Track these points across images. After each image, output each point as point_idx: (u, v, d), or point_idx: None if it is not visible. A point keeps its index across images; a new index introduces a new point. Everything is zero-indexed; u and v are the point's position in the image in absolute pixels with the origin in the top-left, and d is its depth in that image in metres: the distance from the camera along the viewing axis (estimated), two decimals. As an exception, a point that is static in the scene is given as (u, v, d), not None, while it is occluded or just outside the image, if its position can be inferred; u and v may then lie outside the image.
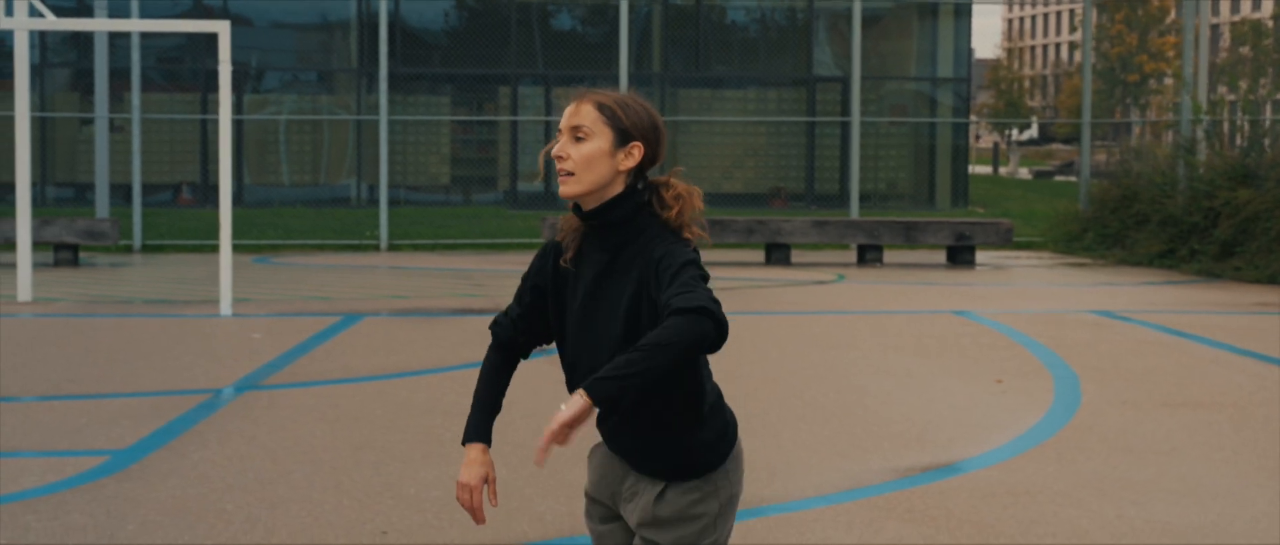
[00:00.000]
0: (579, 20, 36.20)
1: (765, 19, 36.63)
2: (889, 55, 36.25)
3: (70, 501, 7.07)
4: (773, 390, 10.32)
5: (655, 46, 34.86)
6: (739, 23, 36.67)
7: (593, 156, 3.56)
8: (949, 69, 35.96)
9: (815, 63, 35.59)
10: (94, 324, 13.61)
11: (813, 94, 35.03)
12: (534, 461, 3.18)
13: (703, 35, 35.21)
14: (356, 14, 33.87)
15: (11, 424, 8.89)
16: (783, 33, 36.75)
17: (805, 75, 35.37)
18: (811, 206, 33.80)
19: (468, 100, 35.37)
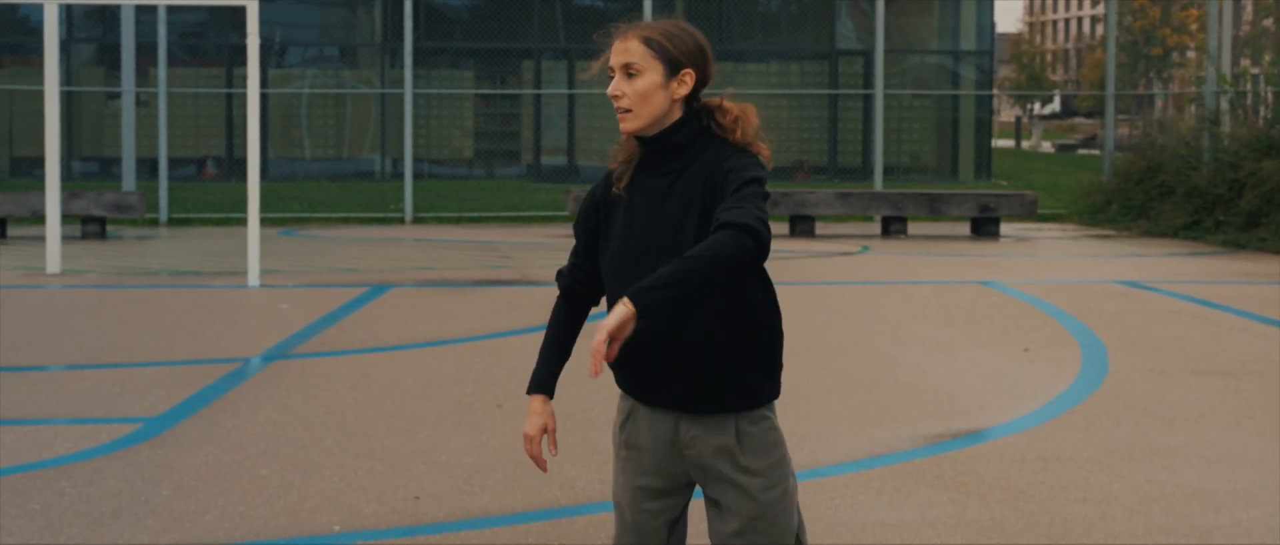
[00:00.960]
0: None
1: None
2: (911, 29, 36.13)
3: (104, 467, 7.10)
4: (801, 360, 10.31)
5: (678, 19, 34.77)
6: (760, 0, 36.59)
7: (648, 91, 3.58)
8: (971, 42, 35.85)
9: (837, 36, 35.49)
10: (123, 295, 13.66)
11: (835, 67, 34.95)
12: (589, 373, 3.19)
13: (725, 9, 35.13)
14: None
15: (45, 392, 8.93)
16: (804, 6, 36.65)
17: (828, 49, 35.29)
18: (835, 179, 33.74)
19: (491, 74, 35.36)
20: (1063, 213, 24.33)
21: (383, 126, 33.77)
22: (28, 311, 12.49)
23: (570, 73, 34.10)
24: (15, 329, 11.40)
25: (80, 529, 6.11)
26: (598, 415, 8.34)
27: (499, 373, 9.60)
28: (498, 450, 7.49)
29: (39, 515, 6.29)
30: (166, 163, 23.21)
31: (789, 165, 34.43)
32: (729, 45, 35.04)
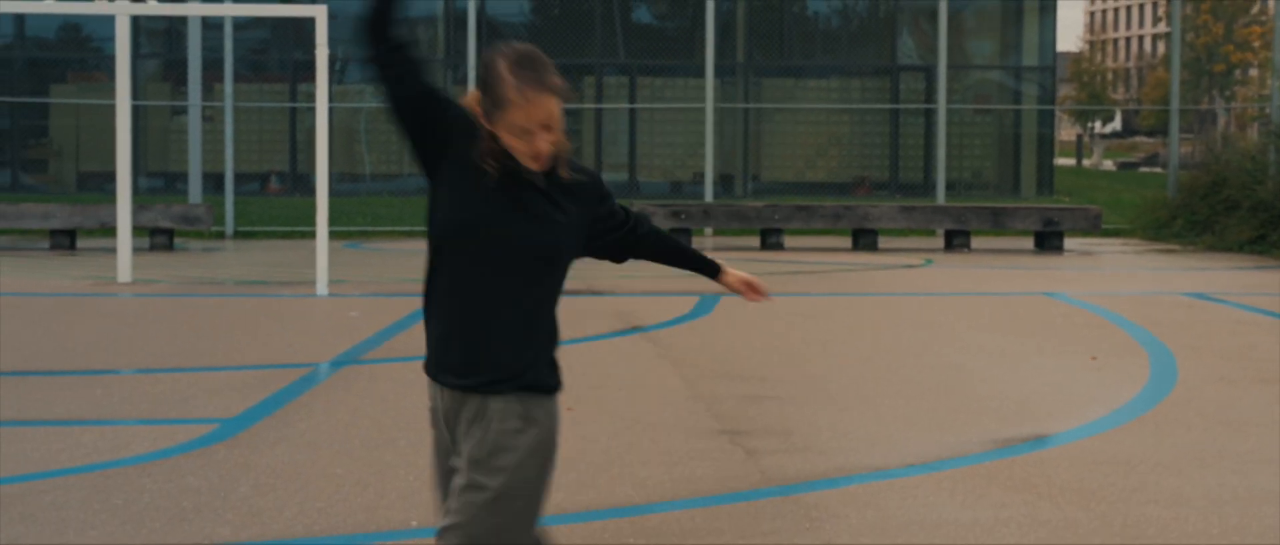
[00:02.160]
0: (661, 11, 36.24)
1: (847, 9, 36.55)
2: (972, 45, 36.08)
3: (183, 466, 7.20)
4: (869, 367, 10.34)
5: (738, 36, 34.85)
6: (821, 13, 36.62)
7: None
8: (1034, 58, 35.76)
9: (898, 52, 35.47)
10: (194, 303, 13.80)
11: (896, 83, 34.92)
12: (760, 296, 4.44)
13: (785, 25, 35.18)
14: (444, 7, 34.05)
15: (121, 395, 9.05)
16: (865, 23, 36.66)
17: (888, 64, 35.27)
18: (895, 195, 33.70)
19: (551, 89, 35.48)
20: (1126, 228, 24.23)
21: (445, 142, 33.92)
22: (101, 318, 12.65)
23: (631, 88, 34.19)
24: (90, 335, 11.55)
25: (162, 524, 6.21)
26: (669, 417, 8.39)
27: (568, 378, 9.60)
28: (569, 451, 7.54)
29: (121, 510, 6.39)
30: (233, 176, 23.41)
31: (850, 181, 34.41)
32: (789, 61, 35.08)
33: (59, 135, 34.11)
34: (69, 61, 34.56)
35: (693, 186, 32.69)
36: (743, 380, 9.63)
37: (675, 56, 34.13)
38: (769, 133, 34.65)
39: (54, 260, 18.11)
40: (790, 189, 33.55)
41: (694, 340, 11.43)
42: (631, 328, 12.03)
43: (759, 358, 10.61)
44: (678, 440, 7.81)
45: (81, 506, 6.46)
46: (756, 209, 21.10)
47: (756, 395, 9.09)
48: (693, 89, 33.12)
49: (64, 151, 33.84)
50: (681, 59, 34.13)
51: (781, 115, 34.61)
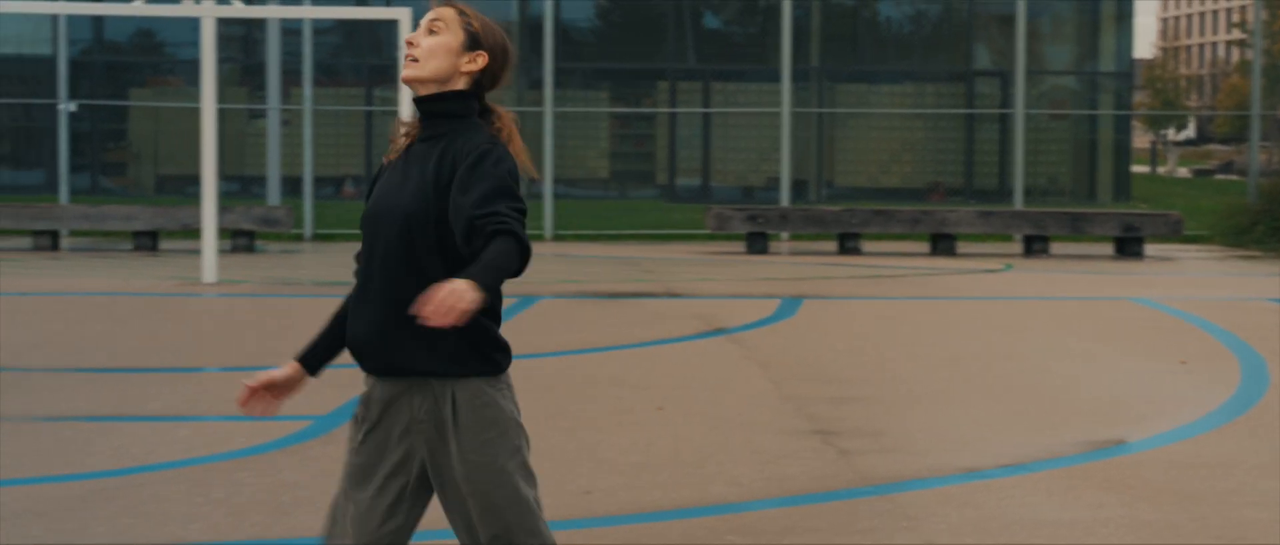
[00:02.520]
0: (734, 15, 36.25)
1: (921, 15, 36.44)
2: (1047, 51, 35.89)
3: (280, 461, 7.27)
4: (956, 369, 10.32)
5: (813, 41, 34.80)
6: (894, 18, 36.52)
7: (439, 48, 3.73)
8: (1110, 65, 35.54)
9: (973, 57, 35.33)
10: (279, 303, 13.92)
11: (971, 88, 34.79)
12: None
13: (859, 30, 35.11)
14: (518, 12, 34.17)
15: (214, 391, 9.15)
16: (938, 28, 36.54)
17: (963, 69, 35.15)
18: (969, 200, 33.56)
19: (625, 95, 35.57)
20: (1206, 234, 24.04)
21: (522, 146, 34.01)
22: (189, 318, 12.79)
23: (705, 93, 34.20)
24: (179, 334, 11.67)
25: (264, 518, 6.27)
26: (758, 417, 8.40)
27: (655, 378, 9.70)
28: (662, 450, 7.57)
29: (222, 504, 6.46)
30: (312, 179, 23.58)
31: (924, 186, 34.30)
32: (863, 66, 35.01)
33: (138, 139, 34.44)
34: (143, 66, 34.89)
35: (765, 191, 32.66)
36: (830, 382, 9.63)
37: (747, 61, 34.13)
38: (843, 138, 34.58)
39: (138, 261, 18.30)
40: (864, 194, 33.45)
41: (778, 342, 11.43)
42: (715, 329, 12.04)
43: (845, 360, 10.61)
44: (769, 440, 7.82)
45: (183, 500, 6.53)
46: (834, 213, 21.07)
47: (845, 397, 9.08)
48: (766, 94, 33.10)
49: (143, 155, 34.16)
50: (754, 64, 34.11)
51: (855, 120, 34.54)
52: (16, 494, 6.64)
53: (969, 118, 34.19)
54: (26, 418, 8.26)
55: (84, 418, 8.28)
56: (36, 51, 32.21)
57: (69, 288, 14.76)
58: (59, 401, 8.74)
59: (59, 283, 15.29)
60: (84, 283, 15.37)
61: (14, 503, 6.47)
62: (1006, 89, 33.14)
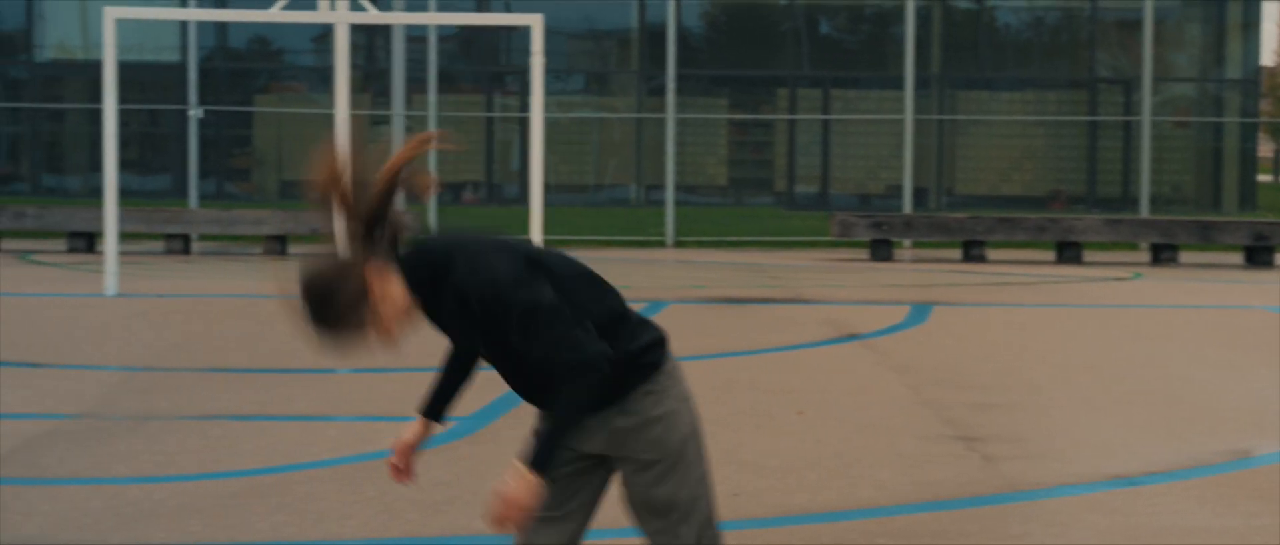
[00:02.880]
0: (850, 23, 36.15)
1: (1040, 21, 36.16)
2: (1171, 57, 35.49)
3: (430, 460, 7.34)
4: (1093, 376, 10.25)
5: (934, 48, 34.64)
6: (1013, 25, 36.27)
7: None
8: (1236, 72, 35.09)
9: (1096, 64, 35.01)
10: (409, 308, 14.05)
11: (1094, 95, 34.48)
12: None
13: (980, 37, 34.90)
14: (639, 19, 34.28)
15: (356, 391, 9.28)
16: (1059, 34, 36.24)
17: (1085, 77, 34.83)
18: (1092, 209, 33.25)
19: (744, 103, 35.57)
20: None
21: (639, 153, 34.14)
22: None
23: (825, 100, 34.14)
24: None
25: (417, 516, 6.36)
26: (898, 422, 8.40)
27: (791, 382, 9.71)
28: (805, 454, 7.59)
29: (375, 501, 6.55)
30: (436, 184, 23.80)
31: (1045, 194, 34.02)
32: (983, 73, 34.78)
33: (262, 144, 34.90)
34: (263, 72, 35.33)
35: (883, 199, 32.56)
36: (967, 388, 9.60)
37: (865, 68, 34.03)
38: (963, 145, 34.37)
39: (268, 265, 18.56)
40: (984, 202, 33.23)
41: (912, 348, 11.41)
42: (847, 335, 12.03)
43: (980, 366, 10.57)
44: (912, 444, 7.82)
45: (336, 497, 6.64)
46: (959, 220, 20.98)
47: (984, 403, 9.05)
48: (886, 102, 32.99)
49: (267, 160, 34.61)
50: (872, 71, 34.00)
51: (976, 127, 34.33)
52: (172, 490, 6.78)
53: (1091, 125, 33.88)
54: (175, 417, 8.41)
55: (231, 417, 8.43)
56: (161, 58, 32.74)
57: (204, 290, 15.00)
58: (205, 401, 8.90)
59: (194, 285, 15.54)
60: (219, 285, 15.62)
61: (170, 499, 6.61)
62: (1129, 96, 32.81)
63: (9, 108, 32.56)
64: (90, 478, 6.99)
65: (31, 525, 6.13)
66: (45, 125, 33.55)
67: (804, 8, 34.80)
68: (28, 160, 33.06)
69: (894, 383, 9.80)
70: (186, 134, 24.40)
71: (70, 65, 34.31)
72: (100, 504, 6.51)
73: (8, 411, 8.51)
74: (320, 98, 33.99)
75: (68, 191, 32.71)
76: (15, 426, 8.07)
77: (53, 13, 33.58)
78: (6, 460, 7.27)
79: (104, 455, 7.43)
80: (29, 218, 20.67)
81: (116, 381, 9.56)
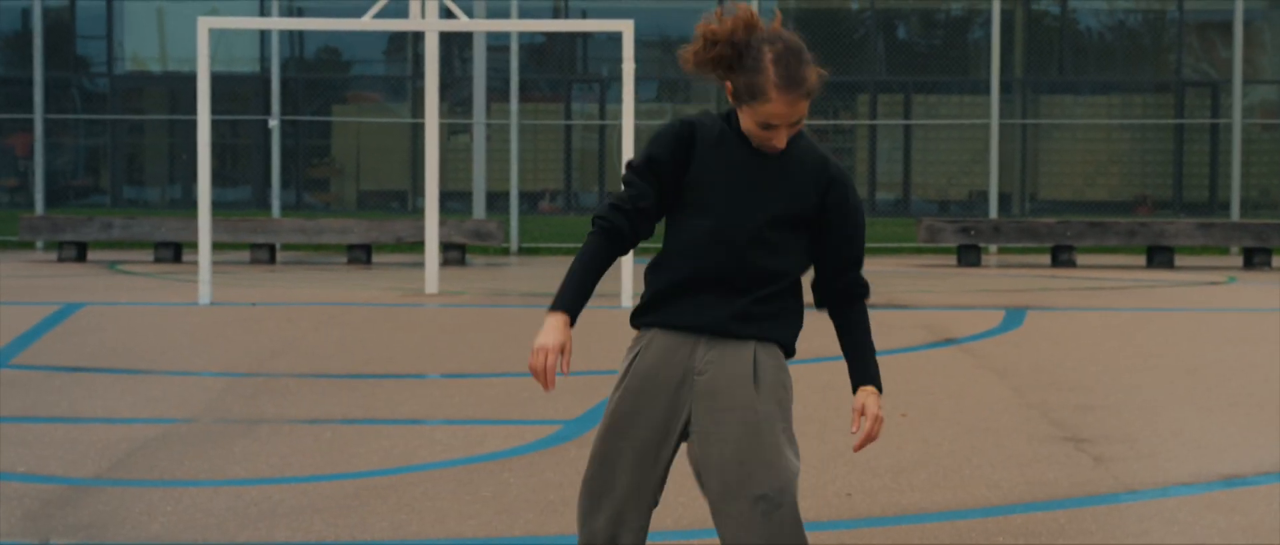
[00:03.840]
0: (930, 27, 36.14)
1: (1125, 23, 36.04)
2: (1258, 59, 35.27)
3: (540, 462, 7.49)
4: (1197, 379, 10.29)
5: (1016, 52, 34.59)
6: (1094, 28, 36.15)
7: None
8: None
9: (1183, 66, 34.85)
10: (500, 313, 14.24)
11: (1181, 98, 34.32)
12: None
13: (1063, 41, 34.81)
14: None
15: (461, 396, 9.43)
16: (1144, 37, 36.10)
17: (1171, 79, 34.69)
18: (1179, 213, 33.09)
19: (823, 109, 35.61)
20: None
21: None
22: (418, 326, 13.14)
23: (906, 105, 34.15)
24: (414, 341, 12.01)
25: (534, 516, 6.49)
26: (1006, 424, 8.47)
27: (893, 385, 9.73)
28: (914, 454, 7.68)
29: (491, 502, 6.69)
30: (517, 194, 24.00)
31: (1131, 199, 33.89)
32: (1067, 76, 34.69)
33: (340, 155, 35.22)
34: (336, 82, 35.64)
35: (963, 205, 32.55)
36: (1070, 390, 9.65)
37: (945, 73, 34.01)
38: (1047, 150, 34.28)
39: (354, 273, 18.79)
40: (1068, 208, 33.13)
41: (1010, 352, 11.47)
42: (944, 340, 12.10)
43: (1081, 369, 10.61)
44: (1021, 445, 7.89)
45: (453, 498, 6.78)
46: (1048, 225, 20.97)
47: (1089, 404, 9.11)
48: (967, 106, 32.99)
49: (345, 170, 34.93)
50: (952, 75, 33.99)
51: (1059, 132, 34.24)
52: (290, 491, 6.94)
53: (1178, 129, 33.73)
54: (285, 420, 8.59)
55: (341, 420, 8.59)
56: (235, 69, 33.12)
57: (296, 298, 15.22)
58: (312, 405, 9.07)
59: (285, 293, 15.76)
60: (309, 293, 15.84)
61: (290, 500, 6.76)
62: (1216, 99, 32.66)
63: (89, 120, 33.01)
64: (209, 480, 7.16)
65: (156, 525, 6.30)
66: (125, 137, 33.98)
67: (879, 12, 34.85)
68: (108, 172, 33.49)
69: (996, 385, 9.86)
70: (268, 145, 24.68)
71: (147, 77, 34.75)
72: (222, 504, 6.68)
73: (119, 416, 8.71)
74: (396, 107, 34.30)
75: (148, 203, 33.14)
76: (127, 431, 8.26)
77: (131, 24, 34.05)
78: (123, 463, 7.46)
79: (220, 458, 7.60)
80: (116, 228, 21.00)
81: (222, 387, 9.75)
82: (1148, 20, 35.70)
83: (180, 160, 33.19)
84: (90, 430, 8.25)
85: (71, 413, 8.82)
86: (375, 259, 20.74)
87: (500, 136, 29.65)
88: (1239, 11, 23.74)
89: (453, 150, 33.95)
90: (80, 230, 20.78)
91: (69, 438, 8.06)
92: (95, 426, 8.38)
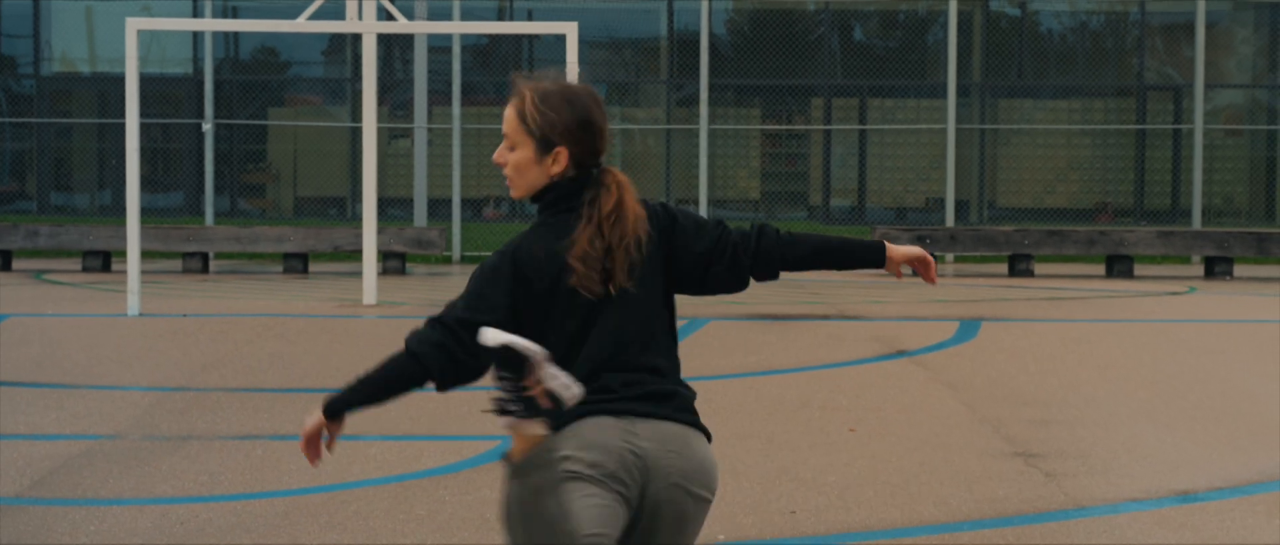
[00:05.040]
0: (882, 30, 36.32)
1: (1086, 25, 36.29)
2: (1222, 63, 35.58)
3: (478, 479, 7.54)
4: (1153, 392, 10.40)
5: (975, 55, 34.82)
6: (1055, 30, 36.39)
7: (520, 166, 3.79)
8: (1290, 76, 35.14)
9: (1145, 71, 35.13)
10: (441, 326, 14.24)
11: (1143, 103, 34.59)
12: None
13: (1023, 44, 35.05)
14: (667, 26, 34.51)
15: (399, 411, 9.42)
16: (1105, 40, 36.36)
17: (1134, 84, 34.96)
18: (1140, 221, 33.35)
19: (776, 112, 35.74)
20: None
21: (668, 166, 34.34)
22: (357, 339, 13.15)
23: (861, 109, 34.32)
24: (352, 354, 12.02)
25: (471, 533, 6.55)
26: (956, 439, 8.56)
27: (842, 399, 9.87)
28: (861, 470, 7.76)
29: (426, 520, 6.74)
30: (460, 201, 24.02)
31: (1092, 206, 34.12)
32: (1025, 81, 34.93)
33: (276, 160, 35.15)
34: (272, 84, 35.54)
35: (920, 212, 32.75)
36: (1025, 404, 9.76)
37: (907, 76, 34.19)
38: (1006, 156, 34.49)
39: (291, 283, 18.77)
40: (1028, 215, 33.33)
41: (964, 365, 11.57)
42: (896, 352, 12.19)
43: (1036, 382, 10.72)
44: (971, 461, 7.98)
45: (387, 516, 6.82)
46: (1005, 234, 21.12)
47: (1042, 419, 9.21)
48: (924, 111, 33.18)
49: (281, 176, 34.85)
50: (908, 79, 34.18)
51: (1018, 137, 34.45)
52: (220, 510, 6.97)
53: (1140, 134, 34.00)
54: (215, 436, 8.61)
55: (272, 436, 8.61)
56: (168, 71, 33.03)
57: (229, 309, 15.20)
58: (244, 421, 9.09)
59: (217, 304, 15.74)
60: (243, 304, 15.81)
61: (219, 519, 6.80)
62: (1178, 104, 32.94)
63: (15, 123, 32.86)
64: (134, 498, 7.18)
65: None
66: (51, 141, 33.81)
67: (835, 14, 35.01)
68: (34, 177, 33.32)
69: (947, 399, 9.96)
70: (200, 150, 24.63)
71: (76, 78, 34.61)
72: (148, 523, 6.71)
73: (43, 433, 8.71)
74: (335, 110, 34.25)
75: (76, 209, 32.98)
76: (52, 447, 8.26)
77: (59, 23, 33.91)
78: (46, 481, 7.47)
79: (146, 475, 7.62)
80: (42, 236, 20.91)
81: (150, 402, 9.75)
82: (1110, 22, 35.97)
83: (110, 165, 33.04)
84: (12, 447, 8.25)
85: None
86: (312, 268, 20.71)
87: (441, 141, 29.68)
88: (1201, 13, 23.98)
89: (393, 155, 33.91)
90: (4, 238, 20.67)
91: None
92: (17, 443, 8.38)
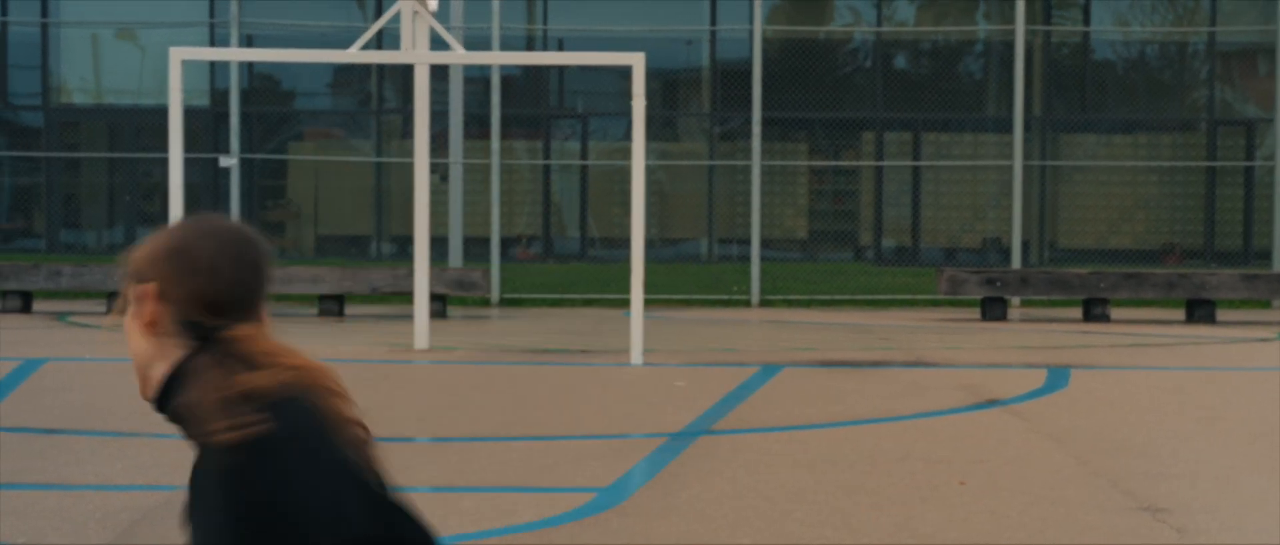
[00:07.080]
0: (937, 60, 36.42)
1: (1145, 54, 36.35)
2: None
3: (579, 533, 7.63)
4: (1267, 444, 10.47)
5: (1036, 89, 34.90)
6: (1115, 60, 36.47)
7: (130, 333, 2.67)
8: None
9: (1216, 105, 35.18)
10: (507, 371, 14.35)
11: (1213, 137, 34.63)
12: None
13: (1088, 76, 35.14)
14: (710, 58, 34.64)
15: (481, 461, 9.56)
16: (1166, 72, 36.42)
17: (1202, 118, 35.02)
18: (1211, 263, 33.37)
19: (826, 147, 35.83)
20: None
21: (711, 203, 34.41)
22: (417, 385, 13.27)
23: (915, 144, 34.40)
24: (418, 401, 12.13)
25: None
26: (1073, 493, 8.63)
27: (943, 451, 9.96)
28: (981, 526, 7.84)
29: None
30: (499, 241, 24.16)
31: (1158, 247, 34.15)
32: (1090, 115, 35.01)
33: (298, 196, 35.29)
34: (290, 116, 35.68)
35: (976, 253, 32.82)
36: (1136, 456, 9.82)
37: (964, 109, 34.28)
38: (1066, 193, 34.55)
39: (329, 326, 18.89)
40: (1091, 256, 33.37)
41: (1061, 414, 11.64)
42: (987, 401, 12.27)
43: (1141, 434, 10.79)
44: (1094, 517, 8.05)
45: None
46: (1080, 276, 21.19)
47: (1158, 472, 9.27)
48: (981, 146, 33.33)
49: (303, 214, 35.00)
50: (970, 112, 34.28)
51: (1080, 174, 34.51)
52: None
53: (1210, 171, 34.05)
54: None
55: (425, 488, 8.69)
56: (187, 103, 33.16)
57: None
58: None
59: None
60: (286, 349, 15.92)
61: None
62: (1251, 137, 33.01)
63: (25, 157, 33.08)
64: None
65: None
66: (60, 175, 34.00)
67: (882, 44, 35.10)
68: (43, 213, 33.50)
69: (1054, 451, 10.03)
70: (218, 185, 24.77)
71: (84, 110, 34.82)
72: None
73: (113, 482, 8.82)
74: (358, 144, 34.45)
75: (86, 247, 33.16)
76: (128, 498, 8.37)
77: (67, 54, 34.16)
78: (132, 531, 7.57)
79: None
80: (65, 277, 21.05)
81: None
82: (1171, 50, 36.01)
83: (123, 201, 33.26)
84: (86, 498, 8.37)
85: (60, 479, 8.92)
86: (348, 310, 20.83)
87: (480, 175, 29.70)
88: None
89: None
90: (25, 279, 20.80)
91: (62, 506, 8.18)
92: (90, 493, 8.49)
